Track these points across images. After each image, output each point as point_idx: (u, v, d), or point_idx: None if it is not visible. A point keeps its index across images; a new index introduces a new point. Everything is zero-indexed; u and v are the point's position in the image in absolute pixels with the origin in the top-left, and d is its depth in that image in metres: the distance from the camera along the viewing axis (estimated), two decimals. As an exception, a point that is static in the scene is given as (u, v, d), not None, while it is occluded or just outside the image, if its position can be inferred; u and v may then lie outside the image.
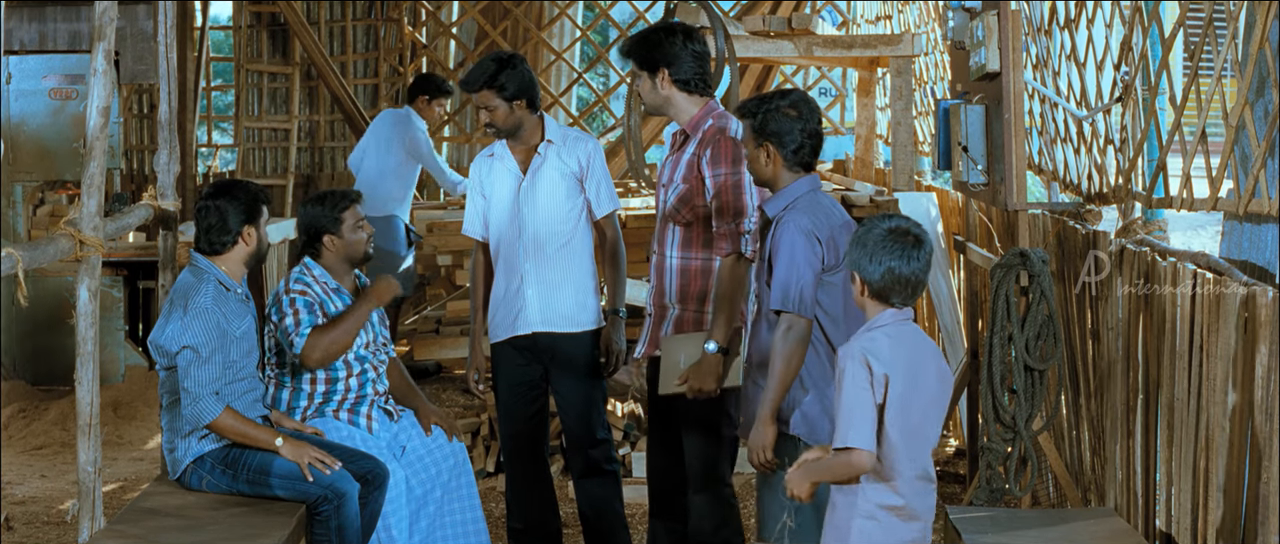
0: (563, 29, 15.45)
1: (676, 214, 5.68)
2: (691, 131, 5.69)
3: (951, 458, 8.58)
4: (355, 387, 6.02)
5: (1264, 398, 4.35)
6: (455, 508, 6.13)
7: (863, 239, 4.34)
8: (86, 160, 5.10)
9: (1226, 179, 4.88)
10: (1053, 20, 6.69)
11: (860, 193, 8.44)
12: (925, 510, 4.36)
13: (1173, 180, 5.37)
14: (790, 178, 5.01)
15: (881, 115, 10.89)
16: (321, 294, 5.97)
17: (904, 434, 4.28)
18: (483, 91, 6.07)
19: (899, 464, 4.28)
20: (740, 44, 8.41)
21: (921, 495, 4.35)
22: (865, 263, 4.31)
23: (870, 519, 4.31)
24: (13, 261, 4.57)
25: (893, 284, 4.29)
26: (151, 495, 5.71)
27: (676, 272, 5.72)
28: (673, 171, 5.72)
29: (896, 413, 4.25)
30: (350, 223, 6.03)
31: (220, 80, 16.03)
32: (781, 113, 4.98)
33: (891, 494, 4.30)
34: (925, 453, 4.36)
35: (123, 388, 9.99)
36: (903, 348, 4.29)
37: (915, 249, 4.31)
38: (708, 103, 5.73)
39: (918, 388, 4.29)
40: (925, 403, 4.32)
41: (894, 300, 4.32)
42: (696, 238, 5.67)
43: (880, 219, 4.38)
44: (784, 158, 4.98)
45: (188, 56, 13.26)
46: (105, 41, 5.09)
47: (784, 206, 4.96)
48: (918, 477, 4.33)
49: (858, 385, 4.23)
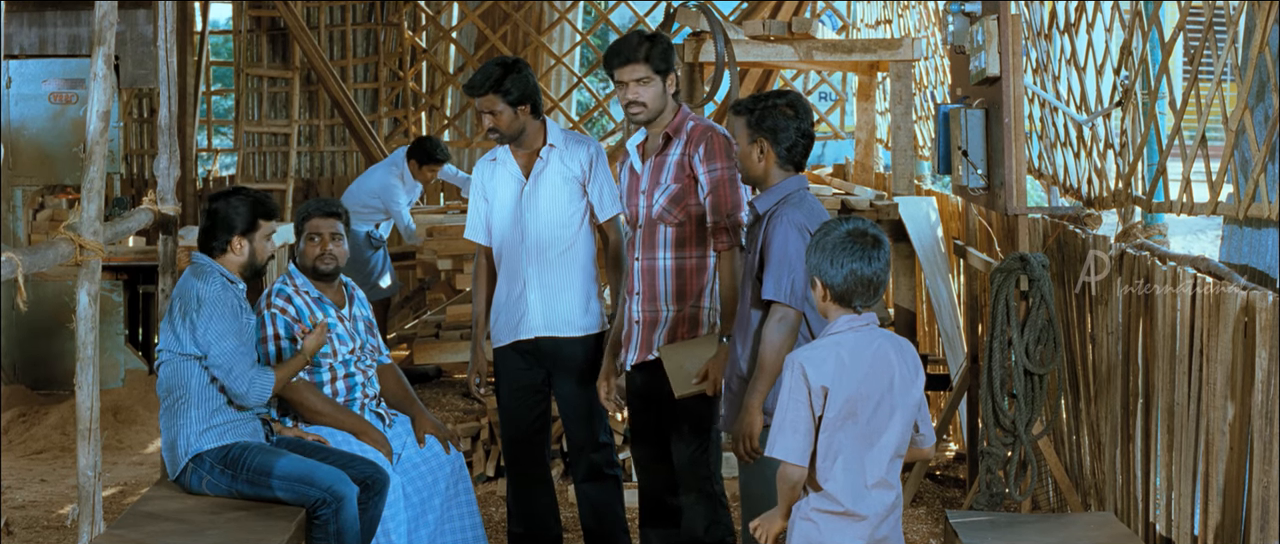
0: (563, 33, 15.45)
1: (667, 215, 5.73)
2: (675, 134, 5.75)
3: (951, 462, 8.58)
4: (343, 391, 6.02)
5: (1264, 402, 4.35)
6: (454, 516, 6.13)
7: (821, 243, 4.31)
8: (86, 165, 5.10)
9: (1226, 183, 4.88)
10: (1052, 24, 6.69)
11: (860, 197, 8.43)
12: (874, 513, 4.30)
13: (1172, 185, 5.37)
14: (781, 175, 5.05)
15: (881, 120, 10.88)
16: (302, 306, 5.98)
17: (853, 443, 4.25)
18: (487, 96, 6.06)
19: (840, 474, 4.25)
20: (740, 48, 8.41)
21: (871, 501, 4.29)
22: (826, 266, 4.28)
23: (807, 521, 4.30)
24: (13, 266, 4.57)
25: (855, 286, 4.27)
26: (151, 500, 5.70)
27: (672, 272, 5.75)
28: (657, 175, 5.76)
29: (840, 424, 4.23)
30: (305, 234, 6.05)
31: (220, 85, 16.03)
32: (779, 110, 5.03)
33: (829, 501, 4.27)
34: (882, 460, 4.30)
35: (122, 392, 9.98)
36: (856, 355, 4.25)
37: (875, 250, 4.28)
38: (681, 107, 5.84)
39: (867, 396, 4.25)
40: (887, 409, 4.29)
41: (856, 303, 4.29)
42: (690, 236, 5.74)
43: (836, 223, 4.36)
44: (777, 155, 5.03)
45: (188, 61, 13.25)
46: (105, 46, 5.09)
47: (776, 202, 4.99)
48: (871, 485, 4.29)
49: (794, 397, 4.23)
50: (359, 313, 6.17)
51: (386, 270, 10.43)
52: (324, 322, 5.91)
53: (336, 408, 5.94)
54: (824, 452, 4.25)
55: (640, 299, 5.81)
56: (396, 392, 6.26)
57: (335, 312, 6.04)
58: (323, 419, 5.90)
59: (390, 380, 6.27)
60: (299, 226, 6.08)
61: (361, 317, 6.17)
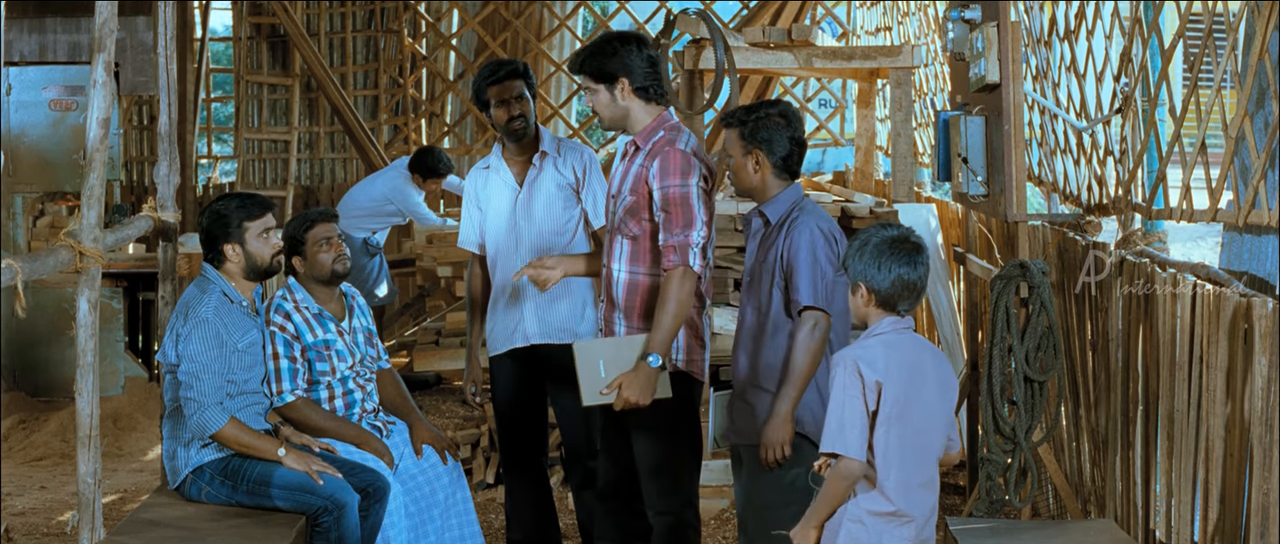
0: (563, 40, 15.46)
1: (623, 226, 5.45)
2: (643, 143, 5.45)
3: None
4: (341, 408, 5.98)
5: (1263, 408, 4.35)
6: (453, 524, 6.12)
7: (864, 249, 4.35)
8: (86, 172, 5.09)
9: (1226, 190, 4.88)
10: (1052, 31, 6.69)
11: (860, 204, 8.43)
12: (922, 514, 4.36)
13: (1172, 191, 5.37)
14: (780, 185, 5.06)
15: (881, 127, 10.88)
16: (301, 323, 5.91)
17: (903, 442, 4.28)
18: (515, 81, 6.11)
19: (893, 471, 4.28)
20: (740, 55, 8.41)
21: (920, 501, 4.35)
22: (872, 272, 4.33)
23: (857, 523, 4.32)
24: (12, 273, 4.57)
25: (902, 291, 4.32)
26: (151, 506, 5.70)
27: (624, 287, 5.46)
28: (621, 183, 5.48)
29: (893, 421, 4.26)
30: (313, 242, 5.97)
31: (220, 92, 16.04)
32: (771, 120, 5.03)
33: (882, 501, 4.30)
34: (929, 461, 4.37)
35: (122, 399, 9.97)
36: (900, 356, 4.31)
37: (918, 254, 4.35)
38: (662, 113, 5.50)
39: (916, 395, 4.30)
40: (926, 410, 4.33)
41: (901, 308, 4.35)
42: (644, 252, 5.42)
43: (876, 228, 4.40)
44: (772, 165, 5.03)
45: (188, 68, 13.27)
46: (105, 53, 5.09)
47: (790, 207, 5.01)
48: (920, 484, 4.34)
49: (849, 393, 4.25)
50: (359, 324, 6.12)
51: (383, 278, 10.42)
52: (315, 470, 5.66)
53: (338, 422, 5.92)
54: (879, 449, 4.28)
55: (604, 307, 5.58)
56: (394, 398, 6.23)
57: (335, 326, 6.00)
58: (325, 434, 5.88)
59: (388, 386, 6.23)
60: (300, 238, 5.97)
61: (361, 328, 6.12)
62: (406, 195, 10.26)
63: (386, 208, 10.30)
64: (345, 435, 5.89)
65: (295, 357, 5.86)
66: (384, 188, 10.32)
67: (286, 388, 5.84)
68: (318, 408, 5.90)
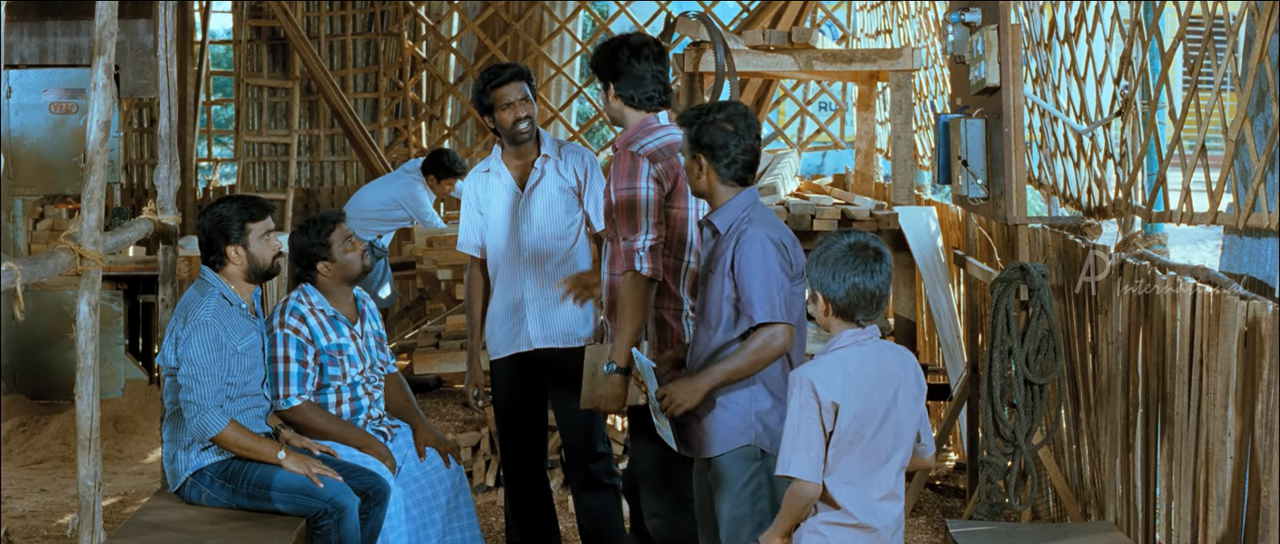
0: (563, 43, 15.46)
1: (609, 230, 5.51)
2: (618, 147, 5.51)
3: (951, 472, 8.57)
4: (348, 413, 5.98)
5: (1264, 412, 4.35)
6: (455, 528, 6.12)
7: (822, 256, 4.26)
8: (86, 174, 5.09)
9: (1226, 193, 4.88)
10: (1052, 34, 6.69)
11: (860, 207, 8.43)
12: (886, 525, 4.30)
13: (1172, 194, 5.37)
14: (728, 191, 4.90)
15: (881, 129, 10.88)
16: (316, 327, 5.92)
17: (863, 459, 4.23)
18: (520, 83, 6.10)
19: (853, 490, 4.23)
20: (740, 58, 8.41)
21: (882, 513, 4.28)
22: (828, 281, 4.24)
23: (815, 534, 4.27)
24: (12, 276, 4.57)
25: (857, 300, 4.23)
26: (151, 509, 5.70)
27: (608, 288, 5.54)
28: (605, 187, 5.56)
29: (850, 441, 4.20)
30: (338, 244, 5.98)
31: (220, 94, 16.04)
32: (717, 126, 4.86)
33: (841, 514, 4.25)
34: (891, 474, 4.29)
35: (123, 402, 9.98)
36: (861, 370, 4.23)
37: (877, 262, 4.24)
38: (645, 119, 5.52)
39: (878, 409, 4.23)
40: (894, 419, 4.26)
41: (859, 317, 4.25)
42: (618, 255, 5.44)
43: (837, 236, 4.30)
44: (717, 172, 4.87)
45: (188, 71, 13.28)
46: (105, 56, 5.09)
47: (738, 218, 4.85)
48: (880, 498, 4.28)
49: (805, 415, 4.18)
50: (370, 328, 6.12)
51: (386, 281, 10.43)
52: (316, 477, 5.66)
53: (341, 425, 5.92)
54: (833, 467, 4.22)
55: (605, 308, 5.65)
56: (399, 401, 6.24)
57: (349, 329, 6.00)
58: (329, 438, 5.88)
59: (393, 389, 6.24)
60: (325, 243, 5.95)
61: (373, 332, 6.13)
62: (418, 200, 10.26)
63: (395, 212, 10.30)
64: (349, 439, 5.89)
65: (307, 361, 5.85)
66: (395, 192, 10.31)
67: (294, 392, 5.84)
68: (322, 412, 5.90)
